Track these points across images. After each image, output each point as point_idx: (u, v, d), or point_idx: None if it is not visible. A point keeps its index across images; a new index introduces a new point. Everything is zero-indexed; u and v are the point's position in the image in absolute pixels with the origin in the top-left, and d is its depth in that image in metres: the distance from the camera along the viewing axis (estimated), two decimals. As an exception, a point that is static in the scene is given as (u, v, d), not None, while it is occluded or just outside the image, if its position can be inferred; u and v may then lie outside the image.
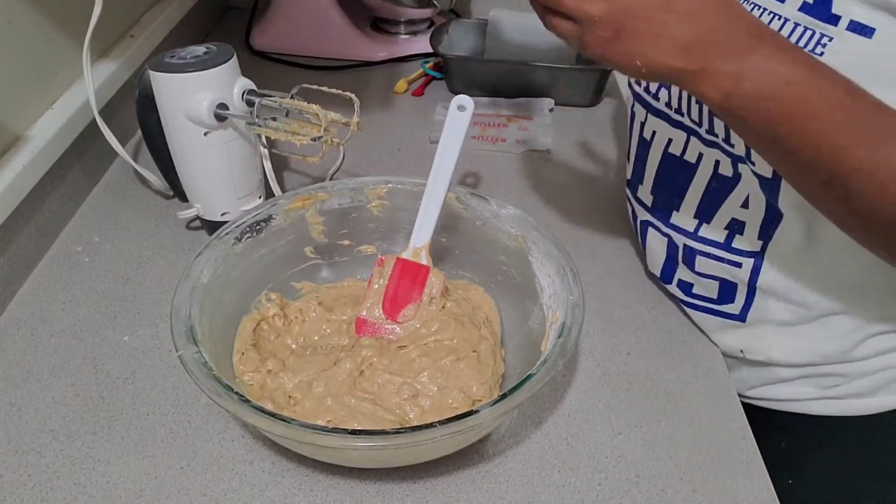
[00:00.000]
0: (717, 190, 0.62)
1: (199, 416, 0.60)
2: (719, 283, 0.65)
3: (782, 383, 0.68)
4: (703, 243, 0.65)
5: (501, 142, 0.95)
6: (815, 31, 0.49)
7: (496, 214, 0.65)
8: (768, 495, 0.55)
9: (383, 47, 1.15)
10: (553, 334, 0.55)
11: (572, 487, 0.55)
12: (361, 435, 0.48)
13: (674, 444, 0.59)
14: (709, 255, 0.65)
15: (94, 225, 0.80)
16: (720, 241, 0.63)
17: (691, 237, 0.65)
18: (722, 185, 0.61)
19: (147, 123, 0.73)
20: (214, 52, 0.68)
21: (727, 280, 0.65)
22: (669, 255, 0.69)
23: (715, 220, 0.63)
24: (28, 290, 0.71)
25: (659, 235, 0.69)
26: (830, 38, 0.48)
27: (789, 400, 0.69)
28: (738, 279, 0.64)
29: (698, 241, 0.65)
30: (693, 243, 0.65)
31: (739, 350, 0.67)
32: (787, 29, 0.50)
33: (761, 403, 0.71)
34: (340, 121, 0.65)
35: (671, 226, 0.67)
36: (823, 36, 0.49)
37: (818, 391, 0.67)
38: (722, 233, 0.63)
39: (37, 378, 0.62)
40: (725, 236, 0.63)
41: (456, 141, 0.63)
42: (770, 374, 0.68)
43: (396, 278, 0.64)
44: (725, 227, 0.62)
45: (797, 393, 0.68)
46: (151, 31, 0.96)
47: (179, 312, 0.54)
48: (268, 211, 0.65)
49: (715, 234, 0.64)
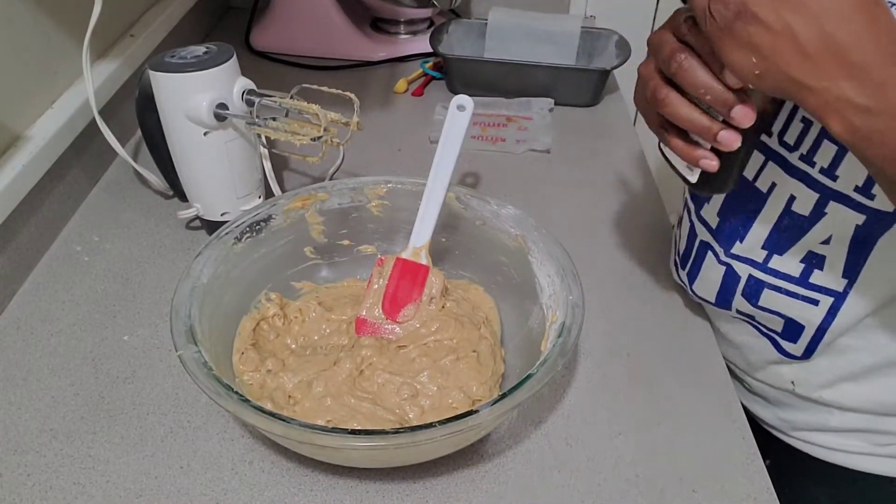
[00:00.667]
0: (788, 228, 0.55)
1: (198, 415, 0.60)
2: (784, 321, 0.59)
3: (832, 433, 0.63)
4: (775, 276, 0.57)
5: (501, 141, 0.95)
6: None
7: (496, 214, 0.65)
8: (768, 496, 0.55)
9: (383, 47, 1.15)
10: (553, 334, 0.55)
11: (572, 488, 0.55)
12: (361, 435, 0.48)
13: (673, 445, 0.59)
14: (779, 289, 0.57)
15: (94, 224, 0.80)
16: (794, 275, 0.56)
17: (760, 268, 0.58)
18: (794, 224, 0.54)
19: (147, 123, 0.73)
20: (214, 51, 0.68)
21: (794, 320, 0.58)
22: (728, 284, 0.61)
23: (788, 253, 0.56)
24: (28, 289, 0.71)
25: (716, 262, 0.62)
26: None
27: (837, 450, 0.63)
28: (807, 321, 0.57)
29: (768, 272, 0.57)
30: (761, 275, 0.58)
31: (790, 381, 0.61)
32: None
33: (804, 447, 0.66)
34: (340, 121, 0.65)
35: (733, 255, 0.60)
36: None
37: (870, 447, 0.62)
38: (797, 266, 0.55)
39: (36, 377, 0.62)
40: (802, 271, 0.55)
41: (455, 141, 0.63)
42: (820, 419, 0.63)
43: (396, 278, 0.64)
44: (802, 260, 0.55)
45: (847, 445, 0.63)
46: (151, 30, 0.96)
47: (179, 312, 0.54)
48: (267, 211, 0.65)
49: (788, 268, 0.56)
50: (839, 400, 0.60)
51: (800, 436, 0.66)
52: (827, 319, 0.55)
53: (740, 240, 0.59)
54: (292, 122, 0.66)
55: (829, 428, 0.62)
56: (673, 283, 0.74)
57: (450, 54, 1.04)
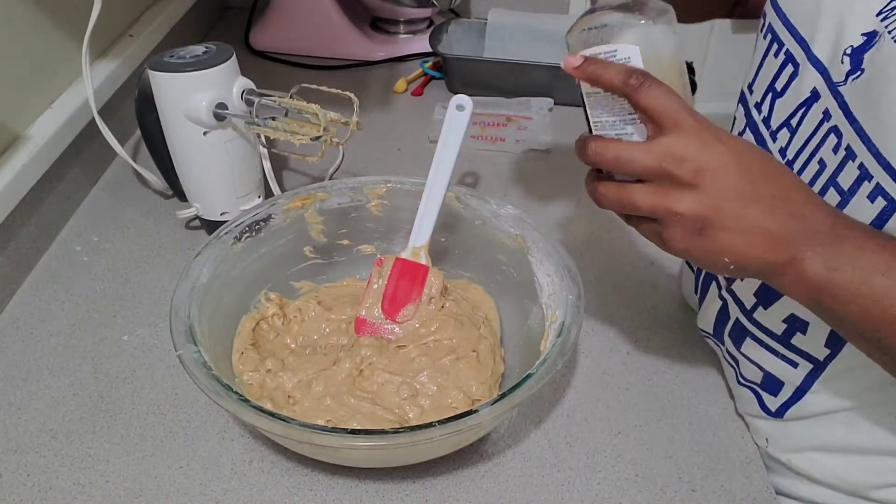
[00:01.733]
0: None
1: (198, 415, 0.60)
2: (764, 375, 0.56)
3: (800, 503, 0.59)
4: (758, 328, 0.55)
5: (501, 141, 0.95)
6: None
7: (495, 214, 0.65)
8: (767, 495, 0.56)
9: (383, 47, 1.15)
10: (552, 334, 0.55)
11: (571, 487, 0.55)
12: (361, 434, 0.48)
13: (673, 444, 0.59)
14: (760, 342, 0.55)
15: (94, 224, 0.80)
16: (776, 332, 0.53)
17: (746, 316, 0.56)
18: None
19: (146, 123, 0.73)
20: (214, 51, 0.68)
21: (774, 376, 0.55)
22: (720, 320, 0.60)
23: (772, 308, 0.53)
24: (27, 289, 0.71)
25: (717, 297, 0.60)
26: None
27: None
28: (787, 379, 0.54)
29: (753, 323, 0.55)
30: (747, 323, 0.56)
31: (765, 438, 0.58)
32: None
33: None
34: (340, 120, 0.65)
35: (731, 291, 0.58)
36: None
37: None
38: (779, 325, 0.53)
39: (36, 378, 0.62)
40: (783, 330, 0.53)
41: (455, 140, 0.63)
42: (790, 485, 0.59)
43: (395, 278, 0.64)
44: (784, 320, 0.52)
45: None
46: (151, 30, 0.96)
47: (179, 312, 0.54)
48: (267, 210, 0.65)
49: (771, 324, 0.54)
50: (808, 469, 0.56)
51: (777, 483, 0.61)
52: (806, 382, 0.53)
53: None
54: (292, 121, 0.66)
55: (798, 496, 0.59)
56: (672, 281, 0.74)
57: (449, 54, 1.04)
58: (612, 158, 0.43)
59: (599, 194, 0.46)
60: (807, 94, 0.49)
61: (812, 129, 0.49)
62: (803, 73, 0.50)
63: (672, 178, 0.42)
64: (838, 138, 0.46)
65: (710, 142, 0.41)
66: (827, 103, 0.47)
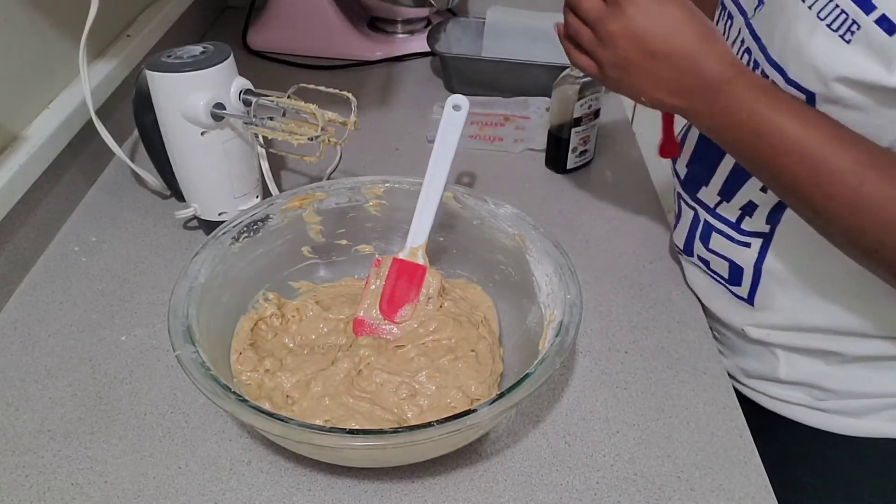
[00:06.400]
0: (741, 168, 0.61)
1: (196, 415, 0.60)
2: (728, 265, 0.67)
3: (779, 384, 0.68)
4: (719, 220, 0.66)
5: (499, 141, 0.95)
6: (847, 16, 0.48)
7: (493, 213, 0.65)
8: (766, 493, 0.56)
9: (380, 46, 1.15)
10: (551, 333, 0.55)
11: (570, 486, 0.55)
12: (359, 434, 0.48)
13: (671, 443, 0.59)
14: (721, 232, 0.66)
15: (92, 225, 0.80)
16: (732, 220, 0.65)
17: (710, 213, 0.67)
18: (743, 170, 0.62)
19: (144, 123, 0.73)
20: (211, 51, 0.68)
21: (735, 263, 0.66)
22: (692, 228, 0.70)
23: (734, 199, 0.64)
24: (25, 289, 0.71)
25: (686, 208, 0.71)
26: (858, 27, 0.48)
27: (779, 400, 0.69)
28: (744, 262, 0.65)
29: (715, 217, 0.67)
30: (711, 219, 0.67)
31: (742, 329, 0.68)
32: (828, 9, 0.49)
33: (751, 395, 0.71)
34: (338, 120, 0.65)
35: (697, 200, 0.69)
36: (854, 23, 0.48)
37: (809, 399, 0.67)
38: (735, 213, 0.64)
39: (34, 378, 0.62)
40: (737, 217, 0.64)
41: (452, 140, 0.63)
42: (769, 367, 0.68)
43: (393, 279, 0.64)
44: (740, 207, 0.64)
45: (790, 396, 0.68)
46: (148, 30, 0.96)
47: (177, 312, 0.54)
48: (265, 210, 0.65)
49: (729, 214, 0.65)
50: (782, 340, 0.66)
51: (752, 384, 0.71)
52: (758, 262, 0.64)
53: (705, 184, 0.67)
54: (290, 121, 0.66)
55: (777, 378, 0.68)
56: (670, 281, 0.74)
57: (447, 53, 1.04)
58: None
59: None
60: (735, 35, 0.62)
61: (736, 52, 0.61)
62: (735, 21, 0.62)
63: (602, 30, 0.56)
64: (749, 55, 0.59)
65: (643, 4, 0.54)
66: (743, 34, 0.60)
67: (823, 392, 0.66)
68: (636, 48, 0.54)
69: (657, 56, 0.54)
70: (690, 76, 0.54)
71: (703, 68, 0.53)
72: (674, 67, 0.54)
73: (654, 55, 0.54)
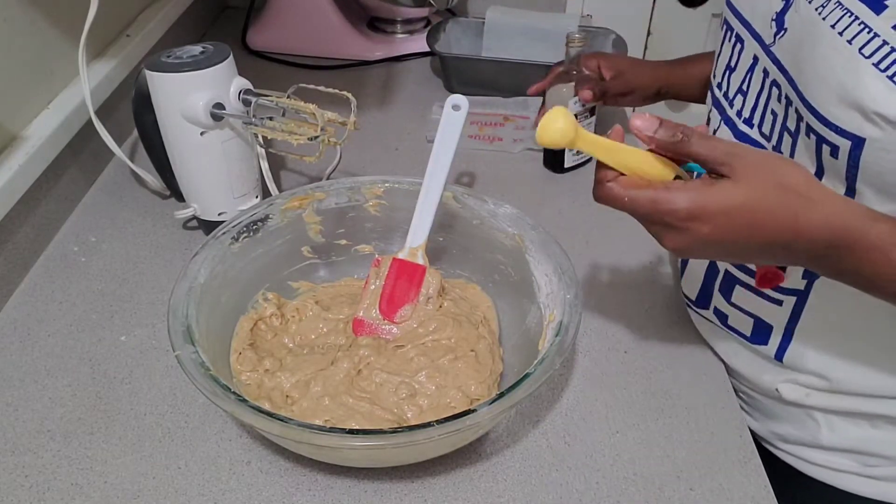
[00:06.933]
0: None
1: (196, 415, 0.60)
2: (753, 322, 0.61)
3: (822, 450, 0.63)
4: (743, 272, 0.61)
5: (498, 141, 0.95)
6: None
7: (493, 213, 0.65)
8: (766, 493, 0.56)
9: (380, 46, 1.15)
10: (550, 333, 0.55)
11: (570, 486, 0.55)
12: (359, 434, 0.48)
13: (671, 443, 0.59)
14: (747, 286, 0.60)
15: (91, 225, 0.80)
16: None
17: (733, 263, 0.62)
18: None
19: (143, 123, 0.73)
20: (211, 51, 0.68)
21: (762, 320, 0.60)
22: (709, 277, 0.64)
23: None
24: (24, 289, 0.71)
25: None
26: None
27: (824, 467, 0.63)
28: (775, 321, 0.60)
29: (739, 268, 0.61)
30: (735, 272, 0.62)
31: (775, 389, 0.62)
32: (874, 45, 0.45)
33: (791, 461, 0.66)
34: (337, 120, 0.65)
35: None
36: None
37: (858, 466, 0.62)
38: None
39: (33, 378, 0.62)
40: None
41: (451, 140, 0.63)
42: (809, 434, 0.63)
43: (393, 279, 0.64)
44: None
45: (834, 462, 0.62)
46: (148, 30, 0.96)
47: (176, 312, 0.54)
48: (265, 210, 0.65)
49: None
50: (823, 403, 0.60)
51: (790, 449, 0.66)
52: (790, 323, 0.58)
53: None
54: (289, 121, 0.66)
55: (819, 444, 0.62)
56: (669, 280, 0.74)
57: (447, 53, 1.04)
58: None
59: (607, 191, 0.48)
60: (750, 61, 0.57)
61: (758, 87, 0.57)
62: (747, 45, 0.58)
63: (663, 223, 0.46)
64: (778, 90, 0.54)
65: (710, 191, 0.44)
66: (765, 63, 0.55)
67: (874, 458, 0.61)
68: (726, 253, 0.48)
69: (752, 253, 0.47)
70: (795, 256, 0.47)
71: (801, 248, 0.46)
72: (775, 257, 0.48)
73: (749, 253, 0.47)
